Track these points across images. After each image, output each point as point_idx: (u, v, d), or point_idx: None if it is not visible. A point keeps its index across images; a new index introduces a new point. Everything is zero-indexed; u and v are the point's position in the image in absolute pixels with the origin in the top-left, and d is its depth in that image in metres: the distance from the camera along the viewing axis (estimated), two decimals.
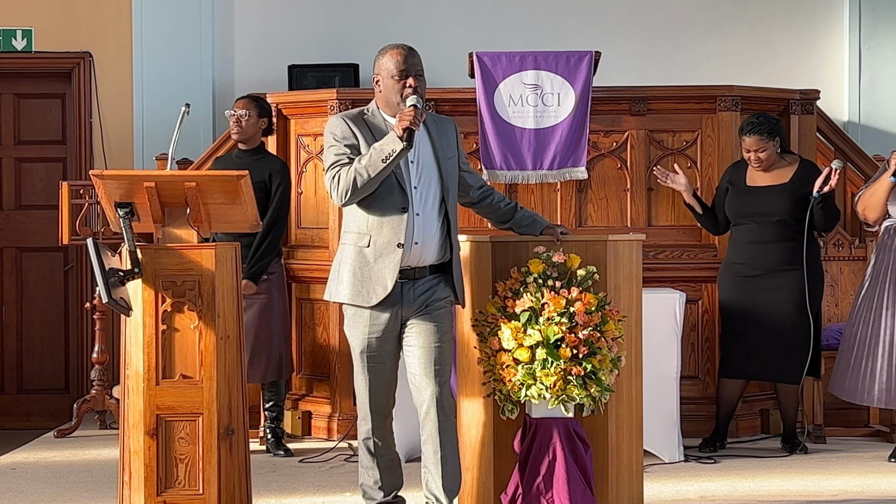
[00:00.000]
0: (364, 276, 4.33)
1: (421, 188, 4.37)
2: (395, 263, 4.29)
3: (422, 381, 4.36)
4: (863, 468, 5.73)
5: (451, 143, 4.49)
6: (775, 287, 5.99)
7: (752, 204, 6.02)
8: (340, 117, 4.40)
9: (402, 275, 4.33)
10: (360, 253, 4.34)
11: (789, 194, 6.01)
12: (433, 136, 4.44)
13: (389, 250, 4.30)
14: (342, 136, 4.35)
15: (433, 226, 4.38)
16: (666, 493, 5.27)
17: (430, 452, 4.37)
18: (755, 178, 6.09)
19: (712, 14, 7.89)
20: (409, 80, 4.30)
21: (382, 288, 4.31)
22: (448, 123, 4.55)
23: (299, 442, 6.46)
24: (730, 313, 6.07)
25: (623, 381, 4.57)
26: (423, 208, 4.35)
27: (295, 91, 7.25)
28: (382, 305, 4.34)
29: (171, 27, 7.71)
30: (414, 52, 4.36)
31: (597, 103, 6.41)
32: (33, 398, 7.82)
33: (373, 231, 4.33)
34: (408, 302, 4.37)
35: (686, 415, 6.10)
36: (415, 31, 7.73)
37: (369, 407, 4.43)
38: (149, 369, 4.24)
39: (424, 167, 4.39)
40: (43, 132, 7.89)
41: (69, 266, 7.81)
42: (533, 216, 4.63)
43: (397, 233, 4.30)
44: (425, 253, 4.37)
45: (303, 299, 6.64)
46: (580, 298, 4.36)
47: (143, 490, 4.23)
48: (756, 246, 6.02)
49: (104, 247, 4.19)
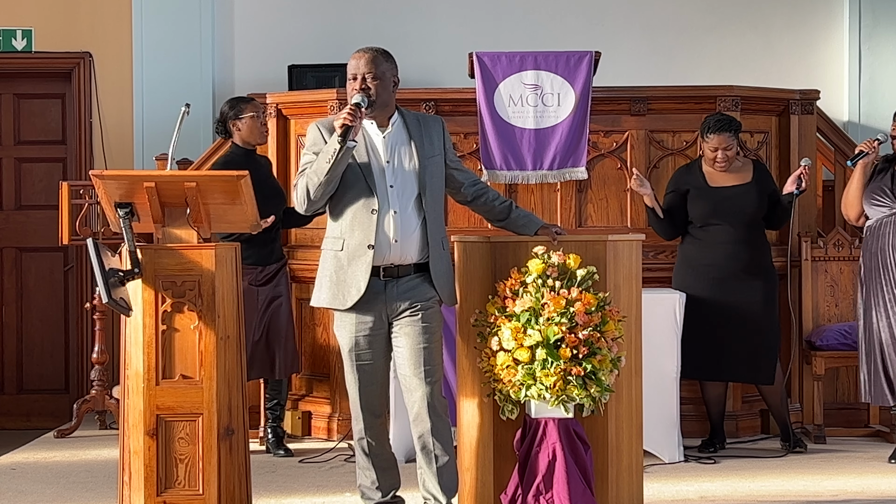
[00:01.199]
0: (339, 280, 4.41)
1: (398, 187, 4.41)
2: (366, 265, 4.36)
3: (412, 382, 4.40)
4: (863, 468, 5.73)
5: (435, 142, 4.52)
6: (748, 288, 5.97)
7: (722, 204, 6.00)
8: (315, 125, 4.48)
9: (385, 273, 4.39)
10: (336, 257, 4.43)
11: (756, 192, 6.03)
12: (413, 134, 4.48)
13: (361, 252, 4.37)
14: (311, 144, 4.45)
15: (413, 224, 4.41)
16: (666, 493, 5.27)
17: (424, 453, 4.41)
18: (716, 178, 6.07)
19: (712, 14, 7.89)
20: (355, 82, 4.39)
21: (356, 290, 4.37)
22: (434, 122, 4.59)
23: (299, 442, 6.46)
24: (699, 315, 5.99)
25: (623, 381, 4.56)
26: (401, 207, 4.40)
27: (295, 91, 7.25)
28: (366, 305, 4.39)
29: (171, 27, 7.71)
30: (372, 55, 4.42)
31: (597, 103, 6.41)
32: (33, 398, 7.82)
33: (346, 234, 4.42)
34: (392, 299, 4.41)
35: (686, 415, 6.10)
36: (414, 31, 7.74)
37: (360, 406, 4.48)
38: (149, 369, 4.24)
39: (401, 166, 4.43)
40: (43, 132, 7.90)
41: (69, 266, 7.81)
42: (528, 216, 4.65)
43: (367, 234, 4.36)
44: (406, 250, 4.41)
45: (303, 299, 6.64)
46: (580, 298, 4.35)
47: (143, 490, 4.23)
48: (729, 246, 5.99)
49: (104, 247, 4.19)
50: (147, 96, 7.68)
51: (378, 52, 4.46)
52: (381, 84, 4.42)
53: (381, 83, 4.41)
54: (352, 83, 4.42)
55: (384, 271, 4.40)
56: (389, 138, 4.46)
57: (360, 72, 4.41)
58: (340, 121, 4.27)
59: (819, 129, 6.76)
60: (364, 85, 4.39)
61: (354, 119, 4.27)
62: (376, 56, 4.43)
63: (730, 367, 6.01)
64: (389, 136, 4.47)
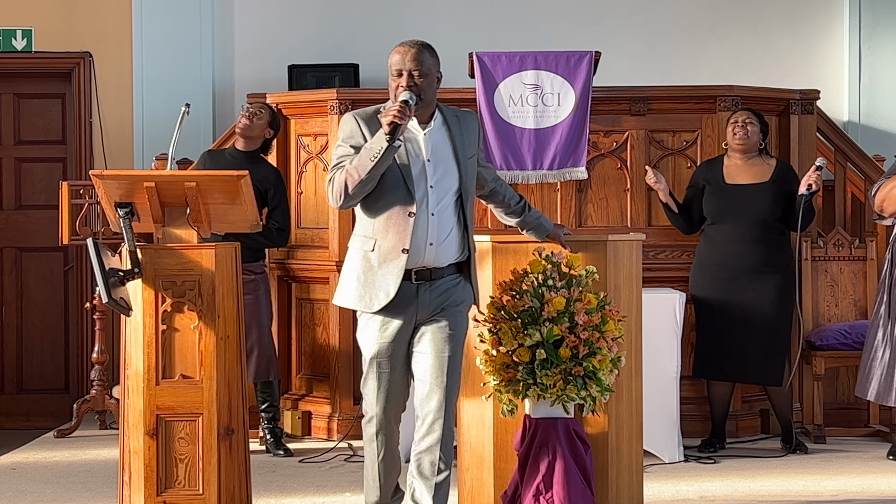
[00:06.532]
0: (367, 282, 4.19)
1: (438, 187, 4.23)
2: (399, 269, 4.15)
3: (430, 391, 4.21)
4: (863, 468, 5.73)
5: (473, 141, 4.35)
6: (757, 289, 5.98)
7: (734, 202, 6.01)
8: (352, 115, 4.25)
9: (417, 276, 4.20)
10: (365, 257, 4.20)
11: (772, 193, 6.03)
12: (454, 133, 4.30)
13: (394, 256, 4.16)
14: (348, 136, 4.22)
15: (449, 225, 4.24)
16: (666, 493, 5.27)
17: (428, 465, 4.22)
18: (734, 175, 6.08)
19: (712, 14, 7.89)
20: (402, 78, 4.18)
21: (385, 294, 4.16)
22: (471, 119, 4.40)
23: (299, 442, 6.46)
24: (709, 314, 6.02)
25: (623, 381, 4.57)
26: (439, 208, 4.22)
27: (295, 91, 7.24)
28: (394, 309, 4.18)
29: (171, 27, 7.71)
30: (417, 50, 4.22)
31: (597, 103, 6.41)
32: (33, 398, 7.81)
33: (378, 235, 4.19)
34: (424, 304, 4.22)
35: (686, 415, 6.10)
36: (415, 31, 7.66)
37: (378, 411, 4.28)
38: (149, 369, 4.24)
39: (442, 165, 4.25)
40: (43, 132, 7.89)
41: (69, 266, 7.81)
42: (538, 219, 4.56)
43: (402, 238, 4.15)
44: (441, 253, 4.22)
45: (303, 299, 6.65)
46: (580, 298, 4.36)
47: (143, 490, 4.23)
48: (737, 245, 6.00)
49: (104, 247, 4.19)
50: (147, 96, 7.68)
51: (424, 46, 4.24)
52: (427, 81, 4.20)
53: (427, 80, 4.20)
54: (396, 79, 4.18)
55: (416, 274, 4.19)
56: (430, 136, 4.26)
57: (407, 67, 4.17)
58: (389, 118, 4.04)
59: (819, 129, 6.76)
60: (412, 82, 4.17)
61: (403, 117, 4.08)
62: (422, 51, 4.22)
63: (741, 368, 6.01)
64: (430, 134, 4.26)
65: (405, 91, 4.15)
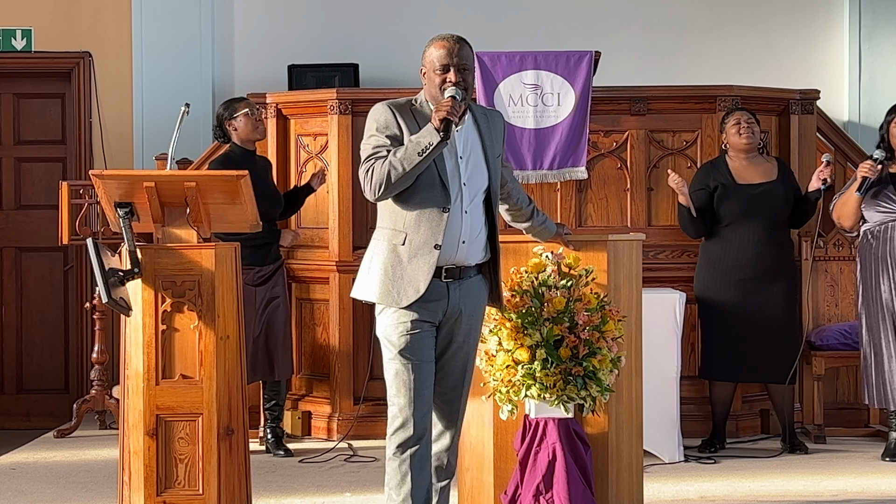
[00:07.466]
0: (396, 276, 4.05)
1: (470, 184, 4.14)
2: (430, 265, 4.02)
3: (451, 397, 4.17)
4: (863, 468, 5.73)
5: (499, 140, 4.28)
6: (770, 288, 5.99)
7: (752, 202, 6.01)
8: (386, 105, 4.11)
9: (447, 273, 4.08)
10: (394, 251, 4.06)
11: (783, 190, 6.05)
12: (483, 132, 4.20)
13: (426, 251, 4.03)
14: (384, 125, 4.08)
15: (480, 224, 4.16)
16: (666, 493, 5.27)
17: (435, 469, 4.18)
18: (743, 175, 6.08)
19: (712, 14, 7.89)
20: (449, 74, 4.07)
21: (414, 290, 4.02)
22: (497, 118, 4.31)
23: (299, 442, 6.46)
24: (719, 316, 6.02)
25: (623, 381, 4.56)
26: (471, 206, 4.13)
27: (295, 91, 7.24)
28: (423, 305, 4.05)
29: (171, 27, 7.70)
30: (461, 45, 4.11)
31: (597, 103, 6.41)
32: (33, 398, 7.81)
33: (409, 229, 4.05)
34: (454, 302, 4.11)
35: (686, 415, 6.10)
36: (414, 31, 7.72)
37: (412, 412, 4.05)
38: (149, 369, 4.24)
39: (473, 163, 4.14)
40: (43, 132, 7.89)
41: (69, 266, 7.81)
42: (543, 222, 4.51)
43: (435, 233, 4.04)
44: (471, 252, 4.14)
45: (303, 299, 6.64)
46: (580, 298, 4.36)
47: (143, 490, 4.22)
48: (757, 246, 6.00)
49: (104, 247, 4.19)
50: (147, 96, 7.68)
51: (464, 40, 4.11)
52: (471, 76, 4.10)
53: (470, 74, 4.10)
54: (441, 74, 4.05)
55: (446, 272, 4.07)
56: (463, 133, 4.14)
57: (454, 63, 4.05)
58: (442, 113, 3.94)
59: (819, 129, 6.76)
60: (459, 77, 4.04)
61: (456, 113, 3.97)
62: (464, 45, 4.09)
63: (753, 368, 6.01)
64: (462, 131, 4.14)
65: (451, 87, 4.05)
